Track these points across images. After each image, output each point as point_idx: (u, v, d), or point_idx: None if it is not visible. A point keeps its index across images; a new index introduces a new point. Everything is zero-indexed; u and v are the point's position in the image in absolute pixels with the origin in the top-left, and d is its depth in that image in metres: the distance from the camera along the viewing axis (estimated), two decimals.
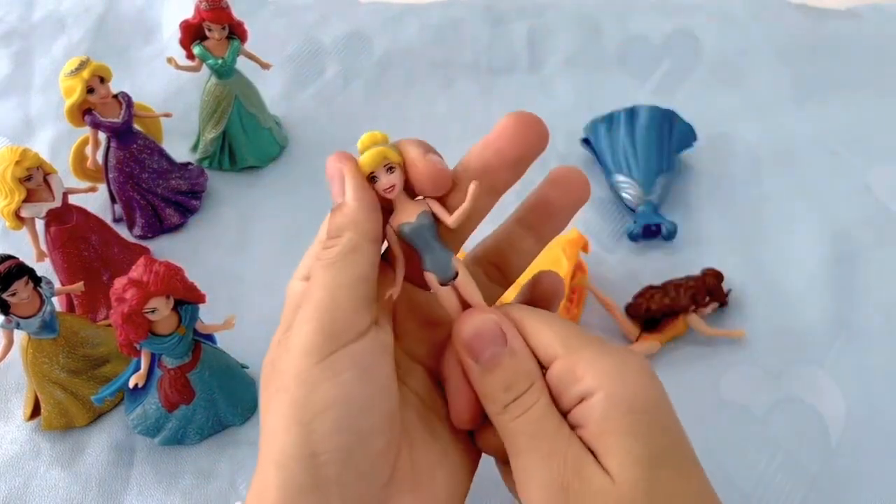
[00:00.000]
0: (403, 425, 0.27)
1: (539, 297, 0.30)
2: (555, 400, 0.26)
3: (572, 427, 0.25)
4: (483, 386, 0.26)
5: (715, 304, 0.49)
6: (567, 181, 0.28)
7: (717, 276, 0.49)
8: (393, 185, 0.26)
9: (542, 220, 0.29)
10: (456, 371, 0.27)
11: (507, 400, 0.25)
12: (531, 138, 0.26)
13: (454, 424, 0.28)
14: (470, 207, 0.26)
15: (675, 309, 0.48)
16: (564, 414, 0.25)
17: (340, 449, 0.24)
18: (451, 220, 0.27)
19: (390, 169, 0.26)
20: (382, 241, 0.27)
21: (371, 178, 0.27)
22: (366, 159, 0.26)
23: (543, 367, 0.26)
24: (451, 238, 0.28)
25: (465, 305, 0.27)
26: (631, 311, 0.49)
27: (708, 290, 0.48)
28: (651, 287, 0.49)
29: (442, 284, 0.27)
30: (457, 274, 0.27)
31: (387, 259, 0.29)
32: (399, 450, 0.26)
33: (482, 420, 0.27)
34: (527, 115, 0.26)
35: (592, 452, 0.24)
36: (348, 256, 0.25)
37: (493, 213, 0.29)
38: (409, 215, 0.27)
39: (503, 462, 0.29)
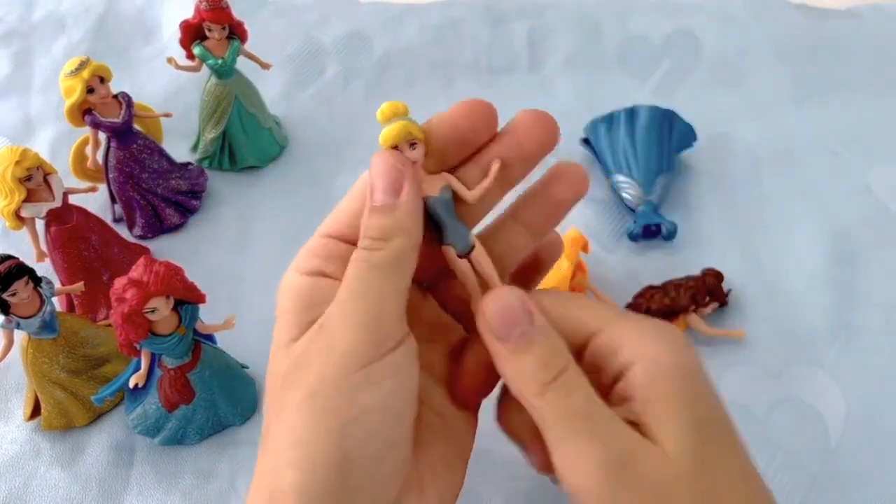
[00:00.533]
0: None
1: (540, 256, 0.30)
2: (595, 376, 0.25)
3: (617, 403, 0.25)
4: (516, 369, 0.25)
5: (715, 304, 0.49)
6: (568, 175, 0.29)
7: (718, 276, 0.49)
8: (415, 161, 0.27)
9: (540, 215, 0.29)
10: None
11: (547, 379, 0.24)
12: (548, 135, 0.28)
13: (456, 401, 0.28)
14: (490, 185, 0.27)
15: (675, 309, 0.48)
16: (607, 390, 0.25)
17: (373, 456, 0.24)
18: (470, 195, 0.27)
19: (413, 144, 0.27)
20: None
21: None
22: (390, 133, 0.26)
23: (579, 349, 0.26)
24: (465, 218, 0.28)
25: (481, 280, 0.28)
26: (631, 310, 0.49)
27: (708, 290, 0.48)
28: (651, 287, 0.49)
29: (459, 257, 0.27)
30: (474, 247, 0.27)
31: None
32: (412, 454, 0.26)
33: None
34: (542, 112, 0.28)
35: (638, 425, 0.24)
36: (397, 264, 0.25)
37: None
38: (432, 189, 0.27)
39: (528, 441, 0.28)
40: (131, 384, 0.40)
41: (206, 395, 0.43)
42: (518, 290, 0.26)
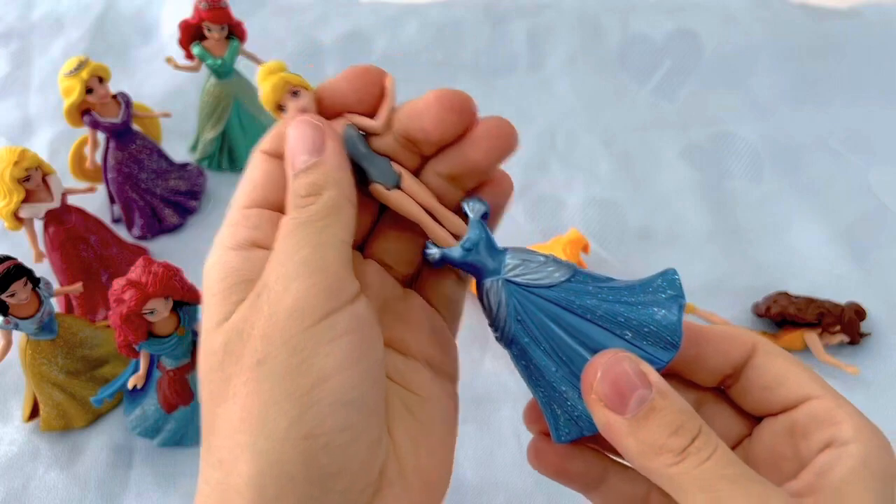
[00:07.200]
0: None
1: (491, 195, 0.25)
2: (793, 439, 0.23)
3: (799, 467, 0.22)
4: (642, 441, 0.21)
5: (843, 338, 0.47)
6: (494, 134, 0.24)
7: (859, 313, 0.48)
8: (304, 109, 0.25)
9: (469, 176, 0.25)
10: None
11: (683, 445, 0.21)
12: (458, 122, 0.24)
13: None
14: (392, 104, 0.25)
15: (797, 321, 0.47)
16: (801, 456, 0.23)
17: (344, 429, 0.20)
18: (376, 123, 0.25)
19: (296, 93, 0.26)
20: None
21: (279, 109, 0.26)
22: (268, 90, 0.26)
23: (785, 407, 0.23)
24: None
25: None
26: (754, 311, 0.49)
27: (840, 320, 0.46)
28: (785, 294, 0.49)
29: (389, 190, 0.25)
30: (401, 175, 0.25)
31: None
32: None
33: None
34: (453, 95, 0.23)
35: (802, 496, 0.21)
36: (331, 216, 0.22)
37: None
38: None
39: (594, 486, 0.26)
40: (130, 385, 0.40)
41: None
42: (622, 351, 0.22)
